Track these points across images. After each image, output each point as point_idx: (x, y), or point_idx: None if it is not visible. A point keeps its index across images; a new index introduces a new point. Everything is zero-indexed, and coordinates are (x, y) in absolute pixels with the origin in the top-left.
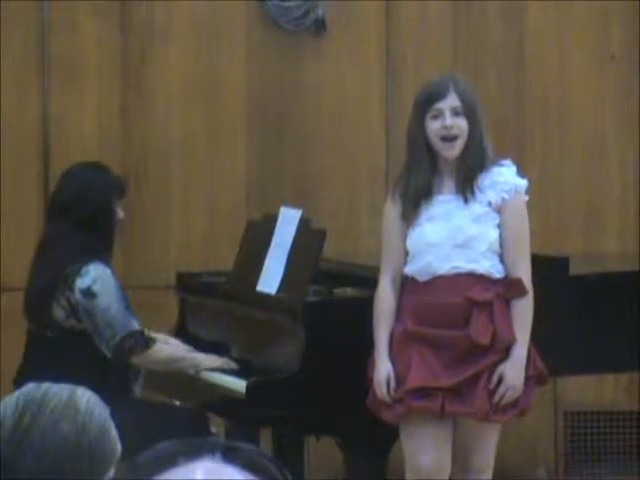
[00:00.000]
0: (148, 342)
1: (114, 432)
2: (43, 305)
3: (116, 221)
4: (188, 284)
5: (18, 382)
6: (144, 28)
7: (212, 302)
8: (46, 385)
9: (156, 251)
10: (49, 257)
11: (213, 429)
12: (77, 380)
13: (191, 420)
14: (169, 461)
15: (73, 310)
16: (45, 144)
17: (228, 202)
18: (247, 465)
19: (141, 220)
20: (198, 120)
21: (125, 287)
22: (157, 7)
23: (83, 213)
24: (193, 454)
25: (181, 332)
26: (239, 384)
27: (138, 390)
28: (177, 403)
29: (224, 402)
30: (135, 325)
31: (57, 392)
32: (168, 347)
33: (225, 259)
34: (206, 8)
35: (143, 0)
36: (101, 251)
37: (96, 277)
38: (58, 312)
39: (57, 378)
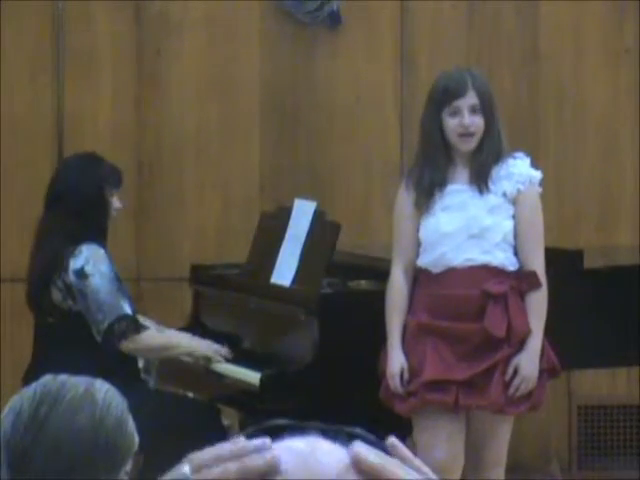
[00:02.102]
0: (139, 327)
1: (131, 425)
2: (42, 290)
3: (110, 211)
4: (202, 276)
5: (26, 375)
6: (159, 21)
7: (226, 294)
8: (63, 377)
9: (170, 243)
10: (44, 245)
11: (225, 422)
12: (81, 365)
13: (203, 412)
14: (276, 432)
15: (69, 291)
16: (60, 137)
17: (242, 194)
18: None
19: (155, 212)
20: (212, 113)
21: (138, 279)
22: (171, 0)
23: (74, 202)
24: (303, 431)
25: (195, 324)
26: (253, 376)
27: (152, 382)
28: (190, 395)
29: (238, 394)
30: (126, 309)
31: (74, 384)
32: (161, 334)
33: (239, 251)
34: (220, 1)
35: None
36: (94, 237)
37: (89, 257)
38: (56, 295)
39: (62, 364)
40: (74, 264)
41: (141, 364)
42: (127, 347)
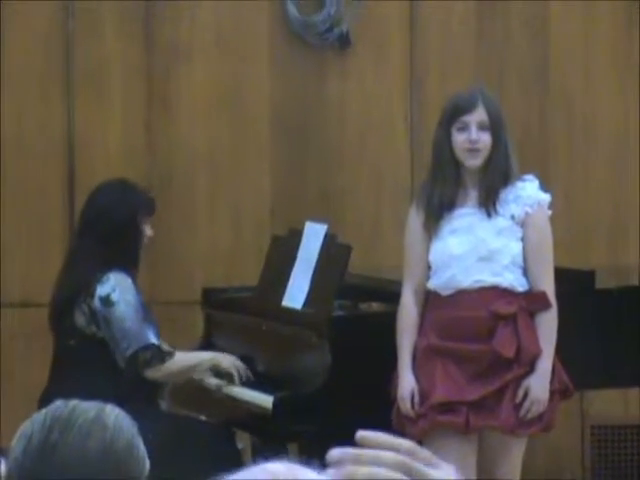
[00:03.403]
0: (164, 356)
1: (142, 449)
2: (66, 313)
3: (142, 238)
4: (214, 299)
5: (43, 396)
6: (168, 44)
7: (238, 317)
8: (74, 402)
9: (181, 266)
10: (72, 269)
11: (239, 445)
12: (99, 388)
13: (216, 435)
14: None
15: (93, 317)
16: (70, 159)
17: (253, 216)
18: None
19: (166, 235)
20: (222, 135)
21: (150, 302)
22: (181, 23)
23: (107, 228)
24: None
25: (207, 347)
26: (265, 399)
27: (164, 405)
28: (203, 418)
29: (250, 417)
30: (151, 338)
31: (85, 409)
32: (182, 357)
33: (250, 273)
34: (230, 23)
35: (167, 16)
36: (124, 264)
37: (115, 285)
38: (80, 319)
39: (80, 386)
40: (101, 290)
41: None
42: (152, 375)
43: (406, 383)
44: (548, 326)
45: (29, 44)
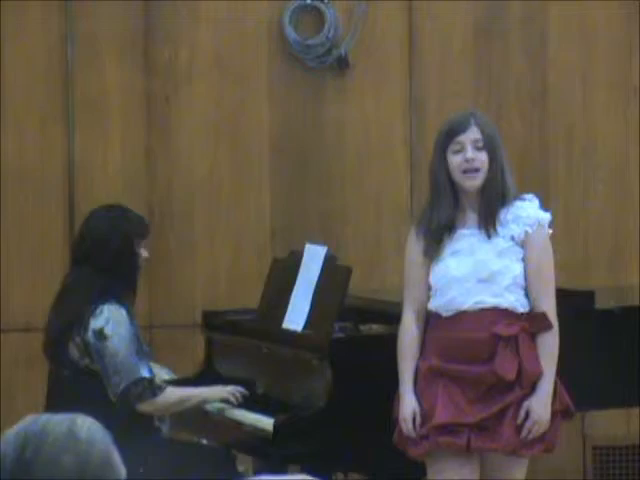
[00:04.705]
0: (155, 390)
1: (117, 458)
2: (60, 344)
3: (139, 262)
4: (214, 322)
5: None
6: (167, 69)
7: (238, 340)
8: (45, 417)
9: (181, 290)
10: (67, 300)
11: (240, 467)
12: (94, 416)
13: (217, 459)
14: None
15: (87, 350)
16: (70, 186)
17: (253, 240)
18: None
19: (166, 259)
20: (222, 159)
21: (151, 326)
22: (180, 48)
23: (104, 258)
24: None
25: (207, 370)
26: (266, 422)
27: (165, 429)
28: (204, 442)
29: (251, 440)
30: (143, 372)
31: (57, 423)
32: (175, 390)
33: (251, 296)
34: (228, 47)
35: (166, 41)
36: (121, 293)
37: (109, 318)
38: (73, 351)
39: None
40: (94, 324)
41: None
42: (144, 409)
43: (408, 405)
44: (549, 347)
45: (29, 71)
